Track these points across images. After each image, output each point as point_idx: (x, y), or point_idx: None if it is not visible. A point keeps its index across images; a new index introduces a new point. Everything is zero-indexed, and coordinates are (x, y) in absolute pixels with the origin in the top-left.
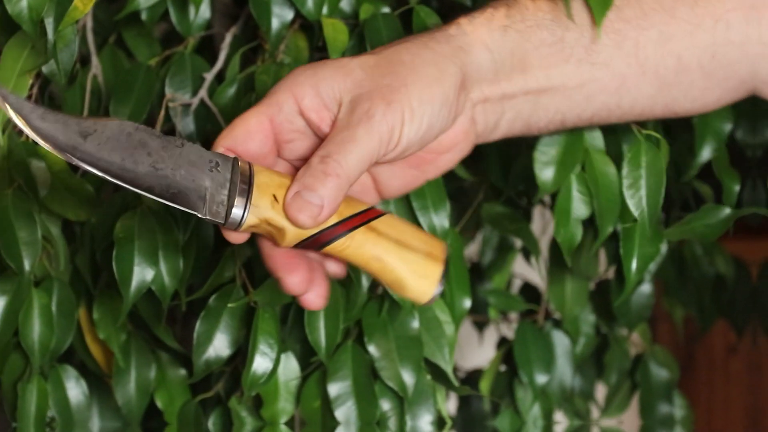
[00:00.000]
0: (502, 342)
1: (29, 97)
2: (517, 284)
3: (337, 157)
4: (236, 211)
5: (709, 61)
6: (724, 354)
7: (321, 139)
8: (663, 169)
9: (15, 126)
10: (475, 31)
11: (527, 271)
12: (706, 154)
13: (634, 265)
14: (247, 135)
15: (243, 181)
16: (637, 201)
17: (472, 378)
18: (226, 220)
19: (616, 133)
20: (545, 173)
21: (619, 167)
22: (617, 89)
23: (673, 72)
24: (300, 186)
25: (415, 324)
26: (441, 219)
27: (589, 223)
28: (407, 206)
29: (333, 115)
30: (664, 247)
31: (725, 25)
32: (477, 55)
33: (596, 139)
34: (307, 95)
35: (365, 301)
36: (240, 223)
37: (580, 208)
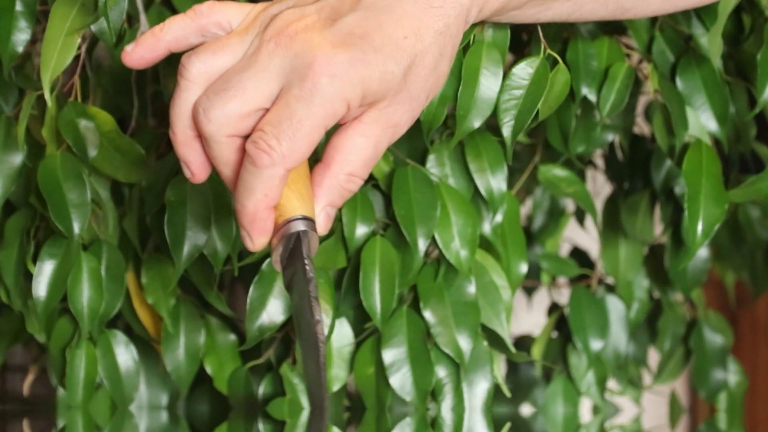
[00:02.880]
0: (554, 308)
1: (77, 57)
2: (565, 249)
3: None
4: None
5: None
6: (767, 318)
7: None
8: (544, 91)
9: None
10: None
11: (576, 235)
12: None
13: (699, 227)
14: None
15: None
16: (505, 112)
17: (522, 344)
18: None
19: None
20: None
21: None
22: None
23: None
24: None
25: (472, 289)
26: (498, 181)
27: None
28: (464, 167)
29: None
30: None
31: None
32: None
33: (500, 37)
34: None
35: (420, 265)
36: None
37: (447, 89)
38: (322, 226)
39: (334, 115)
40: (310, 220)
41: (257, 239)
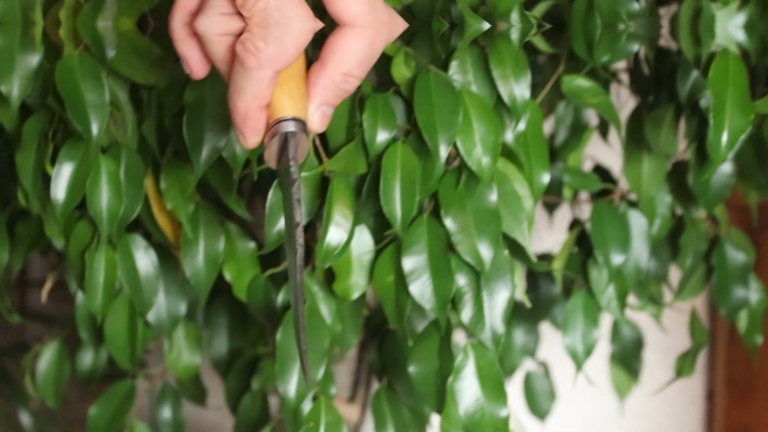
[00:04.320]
0: (575, 223)
1: None
2: (588, 167)
3: None
4: None
5: None
6: None
7: None
8: None
9: None
10: None
11: (598, 153)
12: None
13: (724, 138)
14: None
15: None
16: None
17: (542, 261)
18: None
19: None
20: None
21: None
22: None
23: None
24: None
25: (493, 197)
26: (522, 89)
27: None
28: (486, 74)
29: None
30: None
31: None
32: None
33: None
34: None
35: (442, 173)
36: None
37: None
38: (318, 125)
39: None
40: (300, 121)
41: (250, 138)
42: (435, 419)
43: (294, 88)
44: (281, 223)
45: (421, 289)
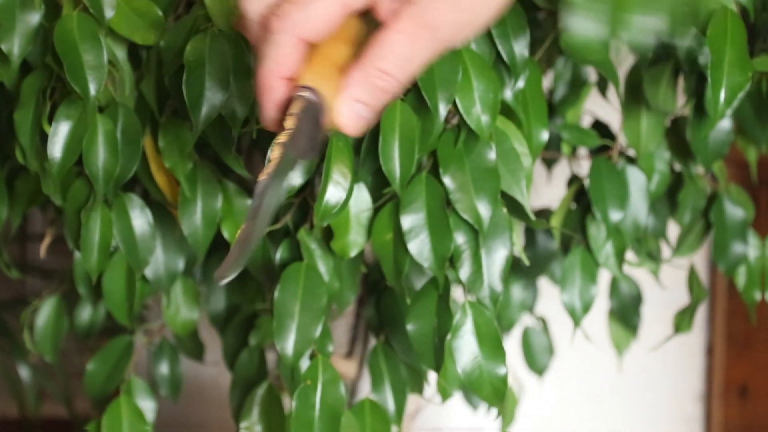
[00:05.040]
0: (574, 179)
1: None
2: (587, 123)
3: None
4: None
5: None
6: None
7: None
8: None
9: None
10: None
11: (597, 108)
12: None
13: (722, 95)
14: None
15: None
16: None
17: (541, 217)
18: None
19: None
20: None
21: None
22: None
23: None
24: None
25: (492, 155)
26: (521, 47)
27: None
28: (486, 32)
29: None
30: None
31: None
32: None
33: None
34: None
35: (441, 131)
36: None
37: None
38: (346, 119)
39: None
40: (317, 97)
41: (266, 108)
42: (432, 376)
43: (326, 71)
44: None
45: (419, 247)
